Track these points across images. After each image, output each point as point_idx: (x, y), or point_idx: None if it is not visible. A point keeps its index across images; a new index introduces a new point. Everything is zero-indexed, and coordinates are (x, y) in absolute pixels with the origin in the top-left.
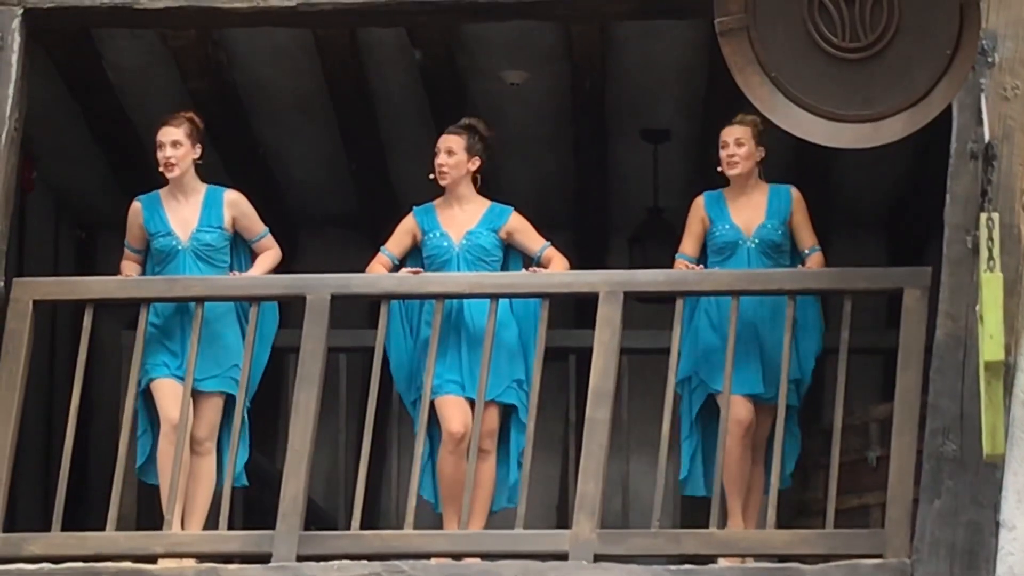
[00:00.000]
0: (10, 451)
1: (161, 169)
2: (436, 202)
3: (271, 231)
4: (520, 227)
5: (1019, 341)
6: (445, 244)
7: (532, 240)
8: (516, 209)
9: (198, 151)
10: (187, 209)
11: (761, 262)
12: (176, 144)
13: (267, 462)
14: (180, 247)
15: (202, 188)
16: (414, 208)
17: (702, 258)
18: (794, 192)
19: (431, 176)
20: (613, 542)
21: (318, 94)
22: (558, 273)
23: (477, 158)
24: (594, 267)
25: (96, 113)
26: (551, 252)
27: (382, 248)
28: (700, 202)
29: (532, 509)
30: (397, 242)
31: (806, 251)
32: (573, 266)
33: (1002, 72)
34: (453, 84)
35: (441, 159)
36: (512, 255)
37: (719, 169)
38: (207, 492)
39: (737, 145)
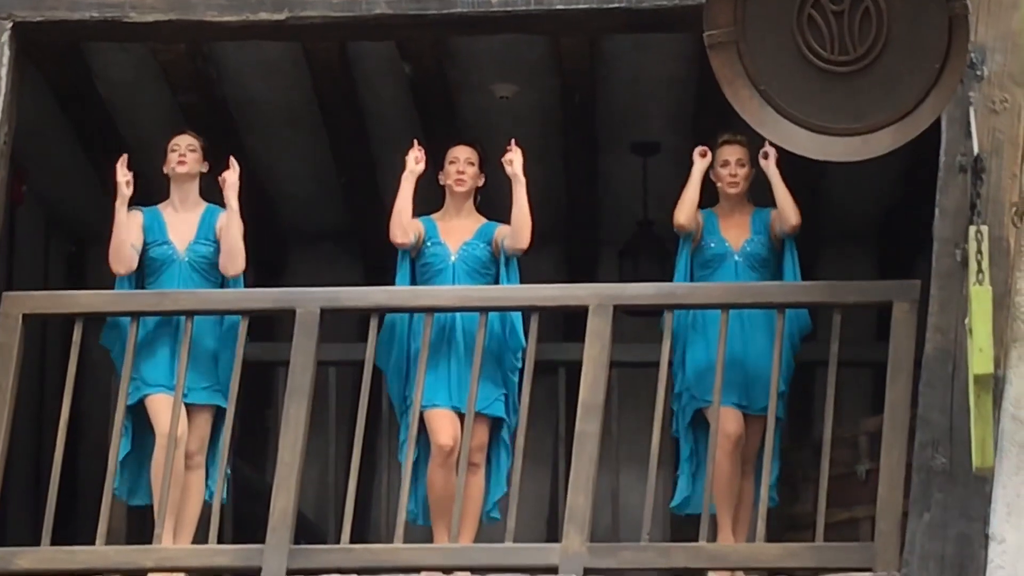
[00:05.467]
0: (0, 466)
1: (173, 166)
2: (434, 215)
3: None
4: (505, 228)
5: (1008, 354)
6: (442, 253)
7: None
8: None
9: (205, 167)
10: (186, 222)
11: (748, 274)
12: (191, 148)
13: (256, 476)
14: (176, 257)
15: (202, 205)
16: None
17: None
18: (772, 211)
19: (446, 182)
20: (603, 555)
21: (308, 108)
22: (548, 287)
23: (483, 175)
24: (584, 280)
25: (86, 127)
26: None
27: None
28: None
29: (522, 522)
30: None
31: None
32: (563, 280)
33: (991, 85)
34: (443, 97)
35: (463, 167)
36: (506, 271)
37: (718, 185)
38: (196, 506)
39: (739, 165)
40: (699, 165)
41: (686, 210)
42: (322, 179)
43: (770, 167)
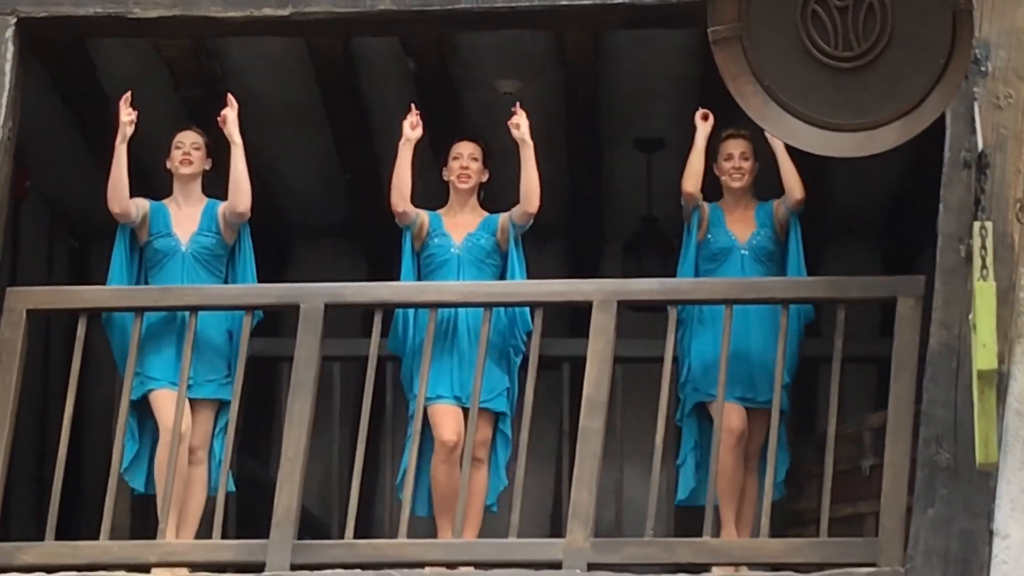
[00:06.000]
0: (4, 460)
1: (176, 164)
2: (439, 210)
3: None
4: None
5: (1012, 350)
6: (446, 244)
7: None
8: None
9: (208, 164)
10: (189, 217)
11: (754, 267)
12: (196, 146)
13: (261, 471)
14: (180, 249)
15: (204, 200)
16: None
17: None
18: (775, 201)
19: (449, 178)
20: (607, 551)
21: (311, 104)
22: (552, 282)
23: (487, 171)
24: (588, 276)
25: (89, 122)
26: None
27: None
28: (704, 203)
29: (526, 518)
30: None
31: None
32: (567, 275)
33: (995, 81)
34: (447, 93)
35: (467, 163)
36: (512, 260)
37: (722, 179)
38: (200, 501)
39: (743, 159)
40: (702, 130)
41: (693, 178)
42: (326, 175)
43: (776, 140)
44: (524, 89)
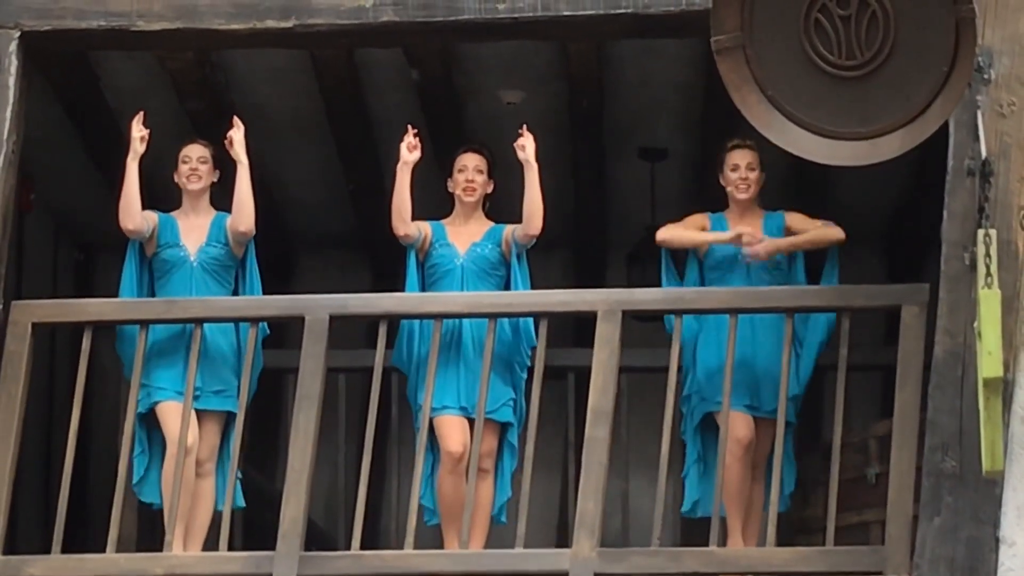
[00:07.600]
0: (10, 473)
1: (184, 180)
2: (443, 220)
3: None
4: (514, 225)
5: (1017, 357)
6: (449, 254)
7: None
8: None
9: (216, 176)
10: (197, 227)
11: (761, 276)
12: (203, 160)
13: (266, 482)
14: (188, 259)
15: (213, 212)
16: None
17: (696, 278)
18: (786, 213)
19: (455, 191)
20: (613, 560)
21: (316, 114)
22: (557, 292)
23: (492, 182)
24: (592, 286)
25: (94, 135)
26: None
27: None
28: (704, 216)
29: (532, 528)
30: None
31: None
32: (571, 285)
33: (998, 89)
34: (450, 104)
35: (472, 175)
36: (515, 274)
37: (728, 190)
38: (207, 513)
39: (749, 169)
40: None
41: (669, 231)
42: (330, 185)
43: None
44: (528, 99)
